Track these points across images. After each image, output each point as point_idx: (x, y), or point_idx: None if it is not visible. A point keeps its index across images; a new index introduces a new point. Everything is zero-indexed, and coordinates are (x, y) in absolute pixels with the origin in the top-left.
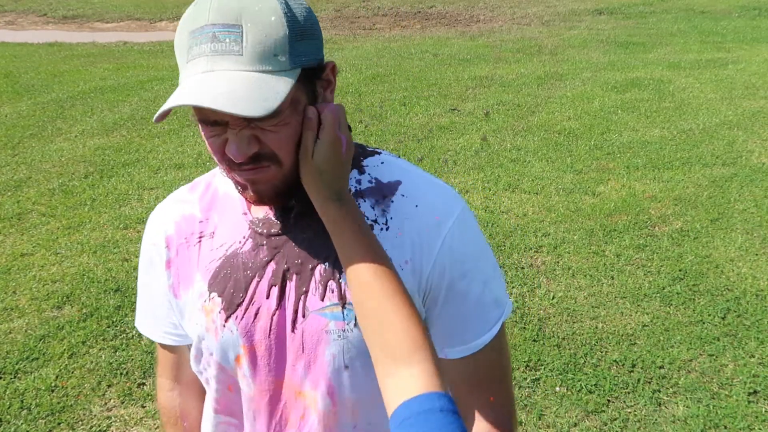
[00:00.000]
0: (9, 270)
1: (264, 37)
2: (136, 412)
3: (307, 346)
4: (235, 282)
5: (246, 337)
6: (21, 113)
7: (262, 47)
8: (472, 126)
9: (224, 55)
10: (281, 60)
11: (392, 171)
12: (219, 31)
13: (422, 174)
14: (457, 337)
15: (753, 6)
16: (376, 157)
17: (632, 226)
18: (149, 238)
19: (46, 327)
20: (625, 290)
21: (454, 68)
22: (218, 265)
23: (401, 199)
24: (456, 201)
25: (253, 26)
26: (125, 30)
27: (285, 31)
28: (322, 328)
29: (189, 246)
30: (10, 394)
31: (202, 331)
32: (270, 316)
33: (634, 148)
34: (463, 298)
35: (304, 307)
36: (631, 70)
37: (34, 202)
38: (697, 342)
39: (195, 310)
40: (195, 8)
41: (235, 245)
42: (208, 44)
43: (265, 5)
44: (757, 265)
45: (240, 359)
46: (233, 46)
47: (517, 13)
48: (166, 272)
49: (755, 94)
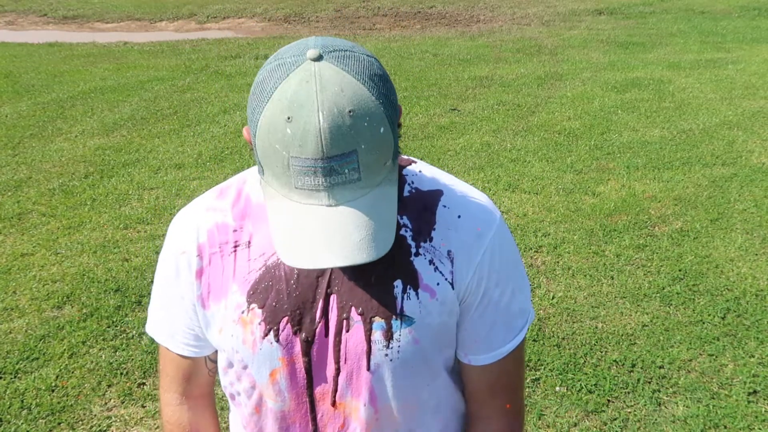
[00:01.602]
0: (9, 270)
1: (378, 155)
2: (136, 412)
3: (350, 356)
4: (276, 293)
5: (286, 348)
6: (21, 113)
7: (377, 165)
8: (472, 126)
9: (344, 185)
10: (388, 165)
11: (432, 180)
12: (337, 163)
13: (460, 184)
14: (484, 344)
15: (753, 6)
16: (413, 166)
17: (632, 226)
18: (178, 246)
19: (47, 327)
20: (625, 290)
21: (454, 68)
22: (258, 276)
23: (443, 210)
24: (494, 212)
25: (367, 146)
26: (125, 30)
27: (391, 138)
28: (367, 338)
29: (223, 255)
30: (10, 394)
31: (238, 343)
32: (313, 327)
33: (634, 148)
34: (495, 306)
35: (349, 317)
36: (631, 70)
37: (35, 202)
38: (697, 342)
39: (229, 321)
40: (295, 128)
41: (275, 256)
42: (327, 177)
43: (374, 117)
44: (757, 265)
45: (275, 373)
46: (353, 175)
47: (517, 13)
48: (196, 282)
49: (755, 94)
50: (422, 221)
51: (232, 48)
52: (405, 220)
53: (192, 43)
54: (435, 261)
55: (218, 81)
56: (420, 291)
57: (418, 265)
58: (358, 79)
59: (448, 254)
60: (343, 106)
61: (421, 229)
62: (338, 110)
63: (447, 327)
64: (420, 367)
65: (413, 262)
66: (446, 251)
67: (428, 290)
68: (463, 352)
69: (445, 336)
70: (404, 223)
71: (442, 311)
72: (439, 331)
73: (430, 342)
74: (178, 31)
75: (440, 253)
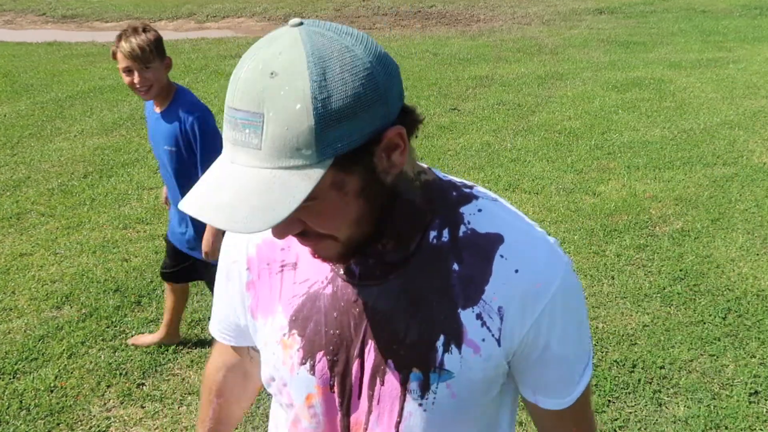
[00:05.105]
0: (8, 270)
1: (285, 130)
2: (136, 413)
3: (384, 399)
4: (315, 325)
5: (321, 379)
6: (20, 113)
7: (281, 142)
8: (473, 125)
9: (243, 147)
10: (305, 154)
11: (492, 220)
12: (241, 118)
13: (523, 228)
14: (551, 392)
15: (754, 5)
16: (473, 203)
17: (633, 226)
18: (230, 254)
19: (45, 327)
20: (626, 290)
21: (454, 68)
22: (300, 302)
23: (500, 261)
24: (557, 264)
25: (275, 115)
26: None
27: (310, 123)
28: (403, 385)
29: (271, 273)
30: (9, 395)
31: (279, 363)
32: (349, 366)
33: (634, 148)
34: (558, 361)
35: (385, 364)
36: (632, 70)
37: (33, 202)
38: (697, 342)
39: (273, 341)
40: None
41: (317, 285)
42: (231, 131)
43: (293, 87)
44: (758, 265)
45: (311, 398)
46: (252, 139)
47: (517, 12)
48: (247, 293)
49: (756, 93)
50: (477, 270)
51: (232, 47)
52: (456, 267)
53: (191, 43)
54: (483, 315)
55: (218, 80)
56: (463, 346)
57: (465, 319)
58: (307, 54)
59: (498, 310)
60: (270, 66)
61: (474, 279)
62: (263, 67)
63: (491, 381)
64: (456, 416)
65: (460, 315)
66: (497, 307)
67: (472, 345)
68: (530, 390)
69: (489, 388)
70: (456, 269)
71: (486, 367)
72: (481, 386)
73: (469, 395)
74: (178, 31)
75: (490, 307)
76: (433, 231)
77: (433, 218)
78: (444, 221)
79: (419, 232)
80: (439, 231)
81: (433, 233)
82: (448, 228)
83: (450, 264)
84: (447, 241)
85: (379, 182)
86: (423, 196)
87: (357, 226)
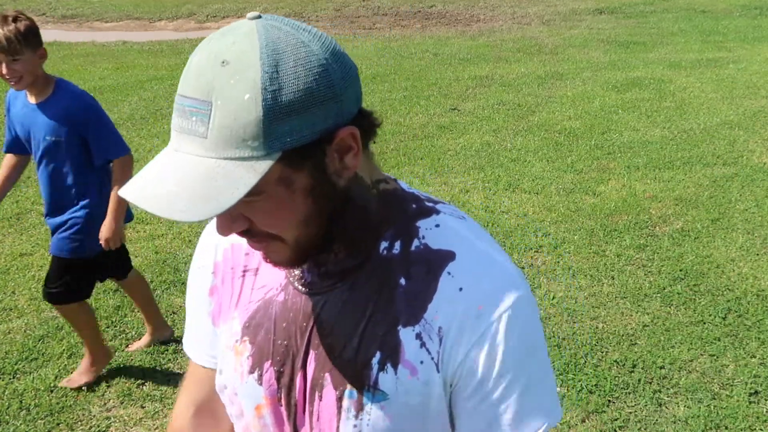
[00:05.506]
0: (8, 270)
1: (232, 120)
2: (136, 413)
3: (323, 416)
4: (266, 333)
5: (268, 390)
6: None
7: (228, 132)
8: (472, 125)
9: (189, 136)
10: (252, 146)
11: (448, 238)
12: (188, 106)
13: (482, 248)
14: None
15: (754, 5)
16: (433, 218)
17: (633, 226)
18: (197, 261)
19: (45, 327)
20: (626, 290)
21: (454, 68)
22: (255, 308)
23: (447, 278)
24: (509, 289)
25: (223, 105)
26: (125, 29)
27: (258, 114)
28: (338, 402)
29: (234, 278)
30: (9, 395)
31: (230, 370)
32: (294, 377)
33: (634, 148)
34: (495, 402)
35: (323, 378)
36: (632, 70)
37: (33, 202)
38: (697, 342)
39: (226, 346)
40: (187, 63)
41: (272, 291)
42: (178, 118)
43: (243, 77)
44: (758, 265)
45: (261, 408)
46: (198, 127)
47: (517, 12)
48: (209, 298)
49: (756, 93)
50: (422, 287)
51: None
52: (402, 281)
53: (192, 43)
54: (423, 336)
55: None
56: (400, 366)
57: (404, 337)
58: (261, 45)
59: (438, 331)
60: (222, 55)
61: (418, 295)
62: (215, 56)
63: (431, 410)
64: None
65: (399, 333)
66: (437, 327)
67: (409, 367)
68: None
69: (432, 418)
70: (402, 283)
71: (425, 393)
72: (420, 413)
73: (407, 422)
74: (178, 31)
75: (431, 327)
76: (384, 242)
77: (386, 228)
78: (397, 233)
79: (371, 241)
80: (391, 242)
81: (384, 244)
82: (401, 240)
83: (397, 278)
84: (397, 253)
85: (330, 183)
86: (379, 205)
87: (305, 226)
